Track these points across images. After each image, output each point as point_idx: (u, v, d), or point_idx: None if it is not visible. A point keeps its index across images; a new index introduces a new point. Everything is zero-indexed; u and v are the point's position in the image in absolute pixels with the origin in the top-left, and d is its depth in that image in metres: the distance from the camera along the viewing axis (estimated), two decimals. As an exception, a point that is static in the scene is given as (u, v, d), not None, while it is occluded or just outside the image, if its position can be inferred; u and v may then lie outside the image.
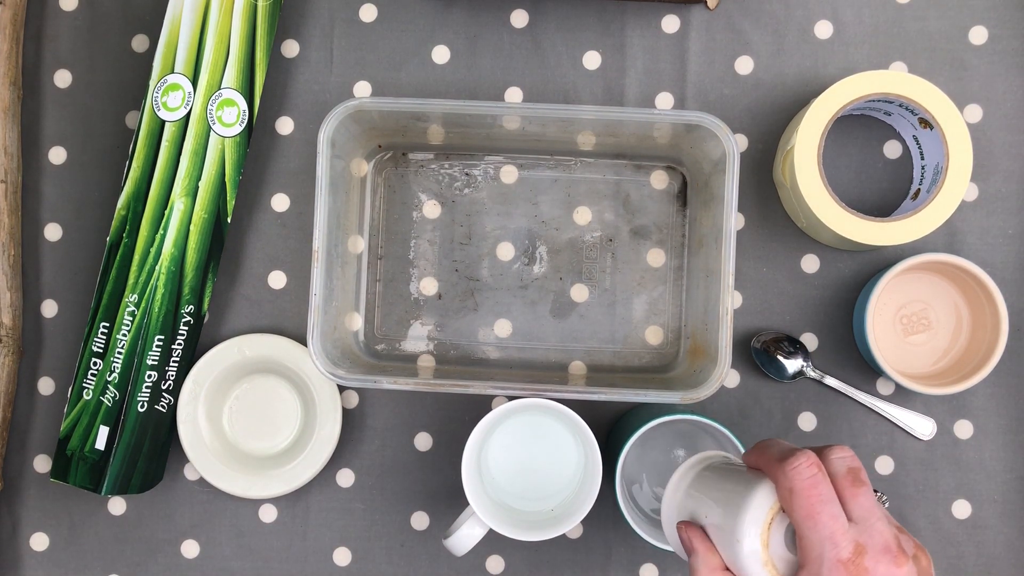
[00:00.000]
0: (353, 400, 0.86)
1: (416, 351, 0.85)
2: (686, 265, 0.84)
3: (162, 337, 0.81)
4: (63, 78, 0.87)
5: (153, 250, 0.81)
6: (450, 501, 0.85)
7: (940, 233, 0.84)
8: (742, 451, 0.76)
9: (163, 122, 0.81)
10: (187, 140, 0.81)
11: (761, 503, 0.59)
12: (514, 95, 0.85)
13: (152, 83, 0.81)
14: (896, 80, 0.77)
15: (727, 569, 0.60)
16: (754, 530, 0.58)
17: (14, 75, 0.83)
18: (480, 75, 0.86)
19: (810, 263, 0.85)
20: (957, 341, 0.83)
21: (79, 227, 0.86)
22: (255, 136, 0.86)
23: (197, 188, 0.81)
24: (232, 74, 0.81)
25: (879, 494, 0.63)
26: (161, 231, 0.81)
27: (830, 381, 0.83)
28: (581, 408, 0.82)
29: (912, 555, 0.57)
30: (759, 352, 0.83)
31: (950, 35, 0.84)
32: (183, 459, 0.85)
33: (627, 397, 0.76)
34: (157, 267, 0.80)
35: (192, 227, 0.81)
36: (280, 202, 0.86)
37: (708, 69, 0.85)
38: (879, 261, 0.84)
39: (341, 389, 0.85)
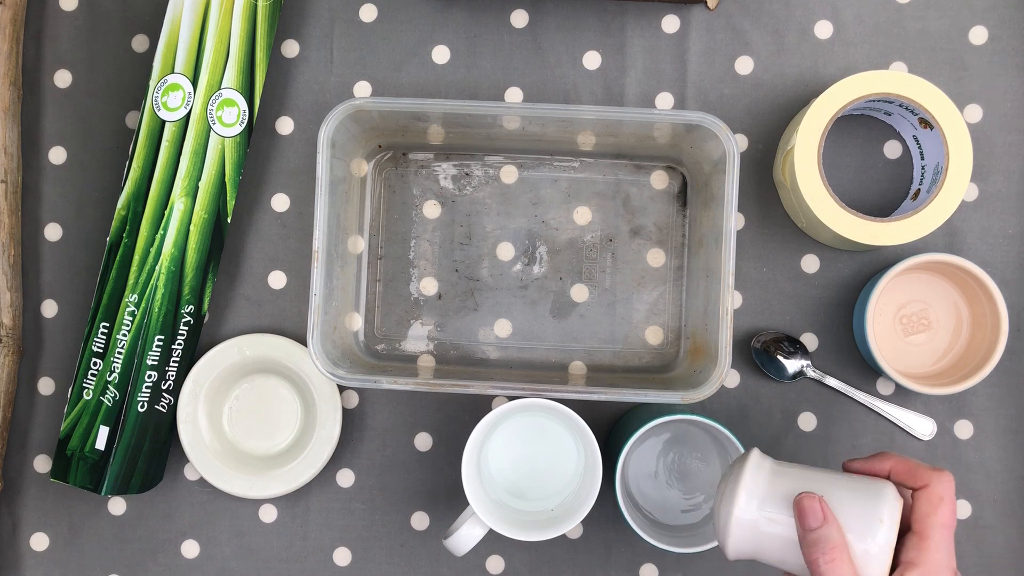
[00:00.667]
0: (353, 400, 0.86)
1: (416, 351, 0.85)
2: (686, 265, 0.84)
3: (162, 337, 0.81)
4: (63, 78, 0.87)
5: (153, 250, 0.81)
6: (450, 501, 0.85)
7: (940, 233, 0.84)
8: (742, 451, 0.76)
9: (163, 122, 0.81)
10: (187, 140, 0.81)
11: (897, 499, 0.64)
12: (514, 95, 0.85)
13: (152, 83, 0.81)
14: (896, 80, 0.77)
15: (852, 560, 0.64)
16: (894, 520, 0.63)
17: (14, 75, 0.83)
18: (480, 75, 0.86)
19: (810, 263, 0.85)
20: (957, 341, 0.83)
21: (79, 227, 0.86)
22: (255, 136, 0.86)
23: (197, 188, 0.81)
24: (232, 74, 0.81)
25: None
26: (161, 231, 0.81)
27: (830, 381, 0.83)
28: (581, 408, 0.82)
29: None
30: (759, 352, 0.83)
31: (950, 35, 0.84)
32: (183, 459, 0.85)
33: (627, 397, 0.76)
34: (157, 267, 0.80)
35: (192, 227, 0.81)
36: (280, 202, 0.86)
37: (708, 69, 0.85)
38: (879, 261, 0.84)
39: (341, 389, 0.85)
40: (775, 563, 0.67)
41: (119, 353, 0.80)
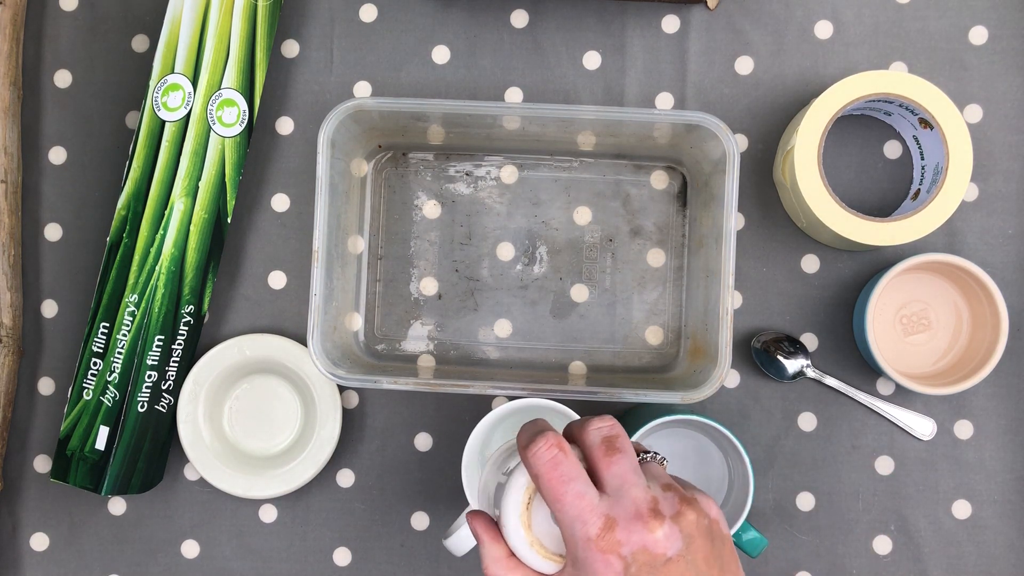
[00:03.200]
0: (353, 400, 0.86)
1: (416, 351, 0.85)
2: (686, 265, 0.84)
3: (162, 337, 0.81)
4: (63, 78, 0.87)
5: (153, 250, 0.81)
6: (450, 501, 0.85)
7: (940, 233, 0.84)
8: (742, 451, 0.76)
9: (163, 122, 0.81)
10: (187, 140, 0.81)
11: (518, 487, 0.60)
12: (514, 95, 0.85)
13: (152, 83, 0.81)
14: (896, 80, 0.77)
15: (512, 556, 0.60)
16: (514, 514, 0.60)
17: (14, 75, 0.83)
18: (480, 75, 0.86)
19: (810, 263, 0.85)
20: (957, 341, 0.83)
21: (79, 227, 0.86)
22: (255, 136, 0.86)
23: (197, 188, 0.81)
24: (232, 74, 0.81)
25: (653, 455, 0.62)
26: (161, 231, 0.81)
27: (830, 381, 0.83)
28: (581, 408, 0.82)
29: (674, 513, 0.56)
30: (759, 352, 0.83)
31: (950, 35, 0.84)
32: (183, 459, 0.85)
33: (627, 397, 0.76)
34: (157, 267, 0.80)
35: (192, 227, 0.81)
36: (280, 202, 0.86)
37: (708, 69, 0.85)
38: (879, 261, 0.84)
39: (341, 389, 0.85)
40: None
41: (119, 353, 0.80)
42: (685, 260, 0.84)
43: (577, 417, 0.75)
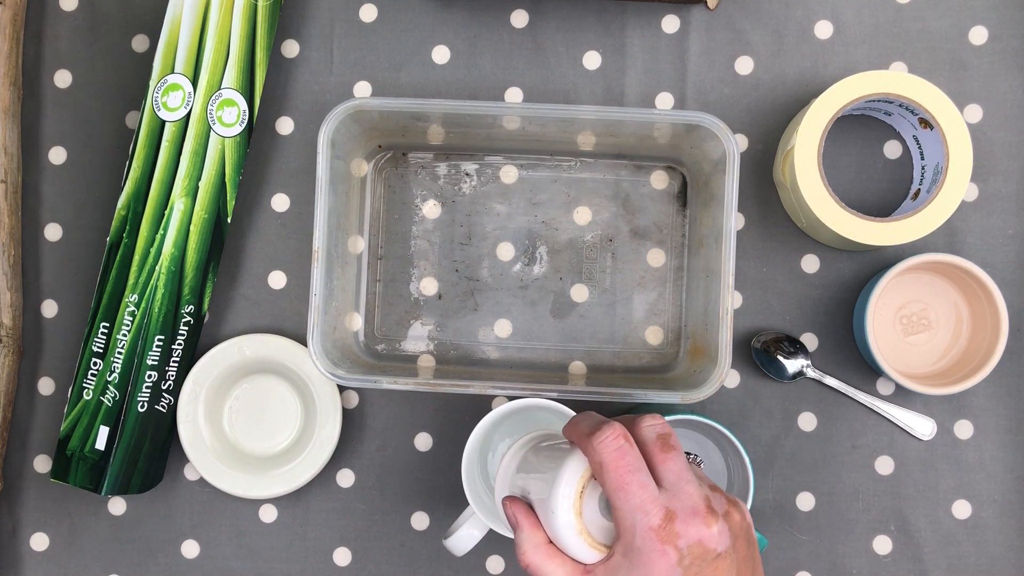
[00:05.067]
0: (353, 400, 0.86)
1: (416, 351, 0.85)
2: (686, 265, 0.84)
3: (162, 337, 0.81)
4: (63, 78, 0.87)
5: (153, 250, 0.81)
6: (450, 501, 0.85)
7: (940, 233, 0.84)
8: (742, 451, 0.76)
9: (163, 122, 0.81)
10: (187, 140, 0.81)
11: (572, 474, 0.60)
12: (514, 95, 0.85)
13: (152, 83, 0.81)
14: (896, 80, 0.77)
15: (551, 543, 0.61)
16: (566, 501, 0.60)
17: (14, 75, 0.83)
18: (480, 75, 0.86)
19: (810, 263, 0.85)
20: (957, 341, 0.83)
21: (79, 227, 0.86)
22: (255, 136, 0.86)
23: (197, 188, 0.81)
24: (232, 74, 0.81)
25: (693, 456, 0.67)
26: (161, 231, 0.81)
27: (830, 381, 0.83)
28: (581, 408, 0.82)
29: (724, 512, 0.59)
30: (759, 352, 0.83)
31: (950, 35, 0.84)
32: (183, 459, 0.85)
33: (627, 397, 0.76)
34: (157, 267, 0.80)
35: (192, 227, 0.81)
36: (280, 202, 0.86)
37: (708, 69, 0.85)
38: (879, 261, 0.84)
39: (341, 389, 0.85)
40: None
41: (119, 353, 0.80)
42: (685, 260, 0.84)
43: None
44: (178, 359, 0.82)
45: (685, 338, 0.84)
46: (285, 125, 0.86)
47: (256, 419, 0.85)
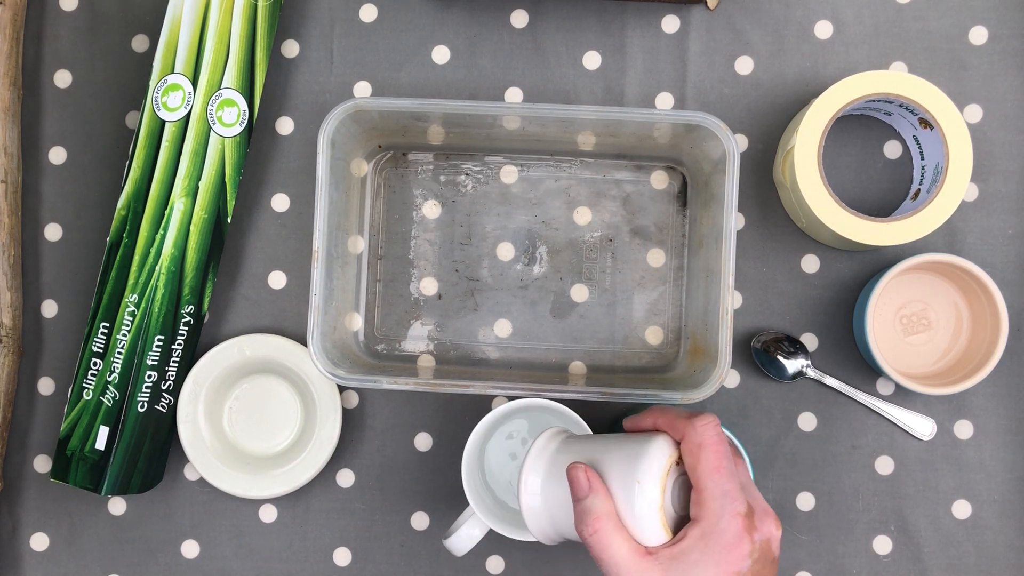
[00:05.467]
0: (353, 400, 0.86)
1: (416, 351, 0.85)
2: (686, 265, 0.84)
3: (162, 337, 0.81)
4: (63, 78, 0.87)
5: (153, 250, 0.81)
6: (450, 501, 0.85)
7: (940, 233, 0.84)
8: (742, 451, 0.76)
9: (163, 122, 0.81)
10: (187, 140, 0.81)
11: (661, 453, 0.62)
12: (514, 95, 0.85)
13: (152, 83, 0.81)
14: (896, 80, 0.77)
15: (618, 517, 0.62)
16: (654, 476, 0.61)
17: (14, 75, 0.83)
18: (480, 75, 0.86)
19: (810, 263, 0.85)
20: (957, 341, 0.83)
21: (79, 227, 0.86)
22: (255, 136, 0.86)
23: (197, 188, 0.81)
24: (232, 74, 0.81)
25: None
26: (161, 231, 0.81)
27: (830, 381, 0.83)
28: (581, 408, 0.82)
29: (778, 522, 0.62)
30: (759, 352, 0.83)
31: (950, 35, 0.84)
32: (183, 459, 0.85)
33: (627, 397, 0.76)
34: (157, 267, 0.80)
35: (192, 227, 0.81)
36: (280, 202, 0.86)
37: (708, 69, 0.85)
38: (879, 261, 0.84)
39: (341, 389, 0.85)
40: (576, 538, 0.66)
41: (119, 353, 0.80)
42: (685, 260, 0.84)
43: (577, 417, 0.75)
44: (178, 359, 0.82)
45: (685, 338, 0.84)
46: (285, 125, 0.86)
47: (256, 419, 0.85)
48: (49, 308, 0.86)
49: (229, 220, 0.82)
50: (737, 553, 0.59)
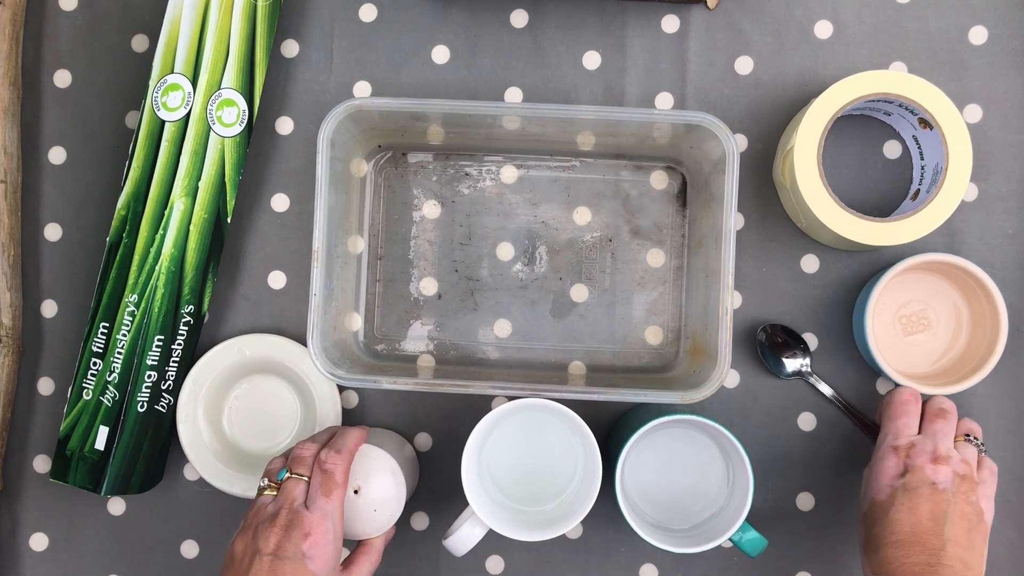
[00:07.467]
0: (353, 400, 0.86)
1: (416, 351, 0.85)
2: (686, 265, 0.84)
3: (162, 337, 0.81)
4: (63, 78, 0.87)
5: (153, 250, 0.81)
6: (450, 501, 0.85)
7: (940, 233, 0.84)
8: (742, 451, 0.76)
9: (163, 122, 0.81)
10: (187, 140, 0.81)
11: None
12: (514, 95, 0.86)
13: (152, 83, 0.81)
14: (896, 80, 0.77)
15: None
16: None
17: (14, 75, 0.83)
18: (480, 75, 0.86)
19: (810, 263, 0.85)
20: (957, 341, 0.83)
21: (79, 227, 0.86)
22: (255, 136, 0.86)
23: (197, 188, 0.81)
24: (232, 74, 0.81)
25: (976, 441, 0.76)
26: (161, 231, 0.81)
27: (823, 388, 0.83)
28: (581, 408, 0.82)
29: (963, 473, 0.72)
30: (762, 345, 0.83)
31: (950, 35, 0.84)
32: (183, 459, 0.85)
33: (627, 397, 0.76)
34: (157, 267, 0.80)
35: (192, 227, 0.81)
36: (280, 202, 0.86)
37: (708, 69, 0.85)
38: (879, 261, 0.84)
39: (341, 389, 0.85)
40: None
41: (119, 353, 0.80)
42: (685, 260, 0.84)
43: (577, 417, 0.75)
44: (178, 359, 0.82)
45: (685, 338, 0.84)
46: (285, 125, 0.86)
47: (256, 419, 0.85)
48: (49, 308, 0.86)
49: (229, 220, 0.82)
50: (888, 467, 0.73)
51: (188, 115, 0.81)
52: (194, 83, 0.81)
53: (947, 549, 0.70)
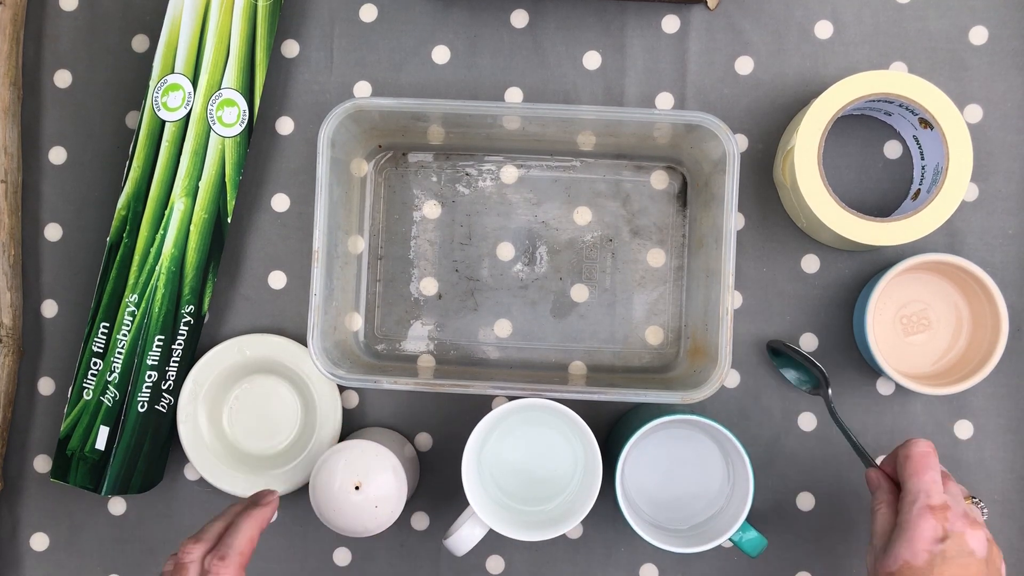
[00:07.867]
0: (353, 400, 0.86)
1: (416, 351, 0.85)
2: (686, 265, 0.84)
3: (162, 337, 0.81)
4: (63, 78, 0.87)
5: (153, 250, 0.81)
6: (450, 501, 0.85)
7: (940, 233, 0.84)
8: (742, 451, 0.76)
9: (163, 122, 0.81)
10: (187, 140, 0.81)
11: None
12: (514, 95, 0.85)
13: (152, 83, 0.81)
14: (896, 80, 0.77)
15: None
16: None
17: (14, 75, 0.83)
18: (480, 75, 0.86)
19: (810, 263, 0.85)
20: (957, 341, 0.83)
21: (79, 227, 0.86)
22: (255, 136, 0.86)
23: (197, 188, 0.81)
24: (232, 74, 0.81)
25: (979, 502, 0.75)
26: (161, 231, 0.81)
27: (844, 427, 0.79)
28: (581, 408, 0.82)
29: (990, 539, 0.68)
30: (775, 352, 0.83)
31: (950, 35, 0.84)
32: (183, 459, 0.85)
33: (627, 397, 0.76)
34: (157, 267, 0.80)
35: (192, 227, 0.81)
36: (280, 202, 0.86)
37: (708, 69, 0.85)
38: (879, 261, 0.84)
39: (341, 389, 0.85)
40: None
41: (119, 353, 0.80)
42: (685, 260, 0.84)
43: (577, 417, 0.75)
44: (178, 359, 0.82)
45: (685, 338, 0.84)
46: (285, 125, 0.86)
47: (256, 419, 0.85)
48: (49, 308, 0.86)
49: (229, 220, 0.82)
50: (926, 533, 0.67)
51: (188, 115, 0.81)
52: (194, 83, 0.81)
53: None
